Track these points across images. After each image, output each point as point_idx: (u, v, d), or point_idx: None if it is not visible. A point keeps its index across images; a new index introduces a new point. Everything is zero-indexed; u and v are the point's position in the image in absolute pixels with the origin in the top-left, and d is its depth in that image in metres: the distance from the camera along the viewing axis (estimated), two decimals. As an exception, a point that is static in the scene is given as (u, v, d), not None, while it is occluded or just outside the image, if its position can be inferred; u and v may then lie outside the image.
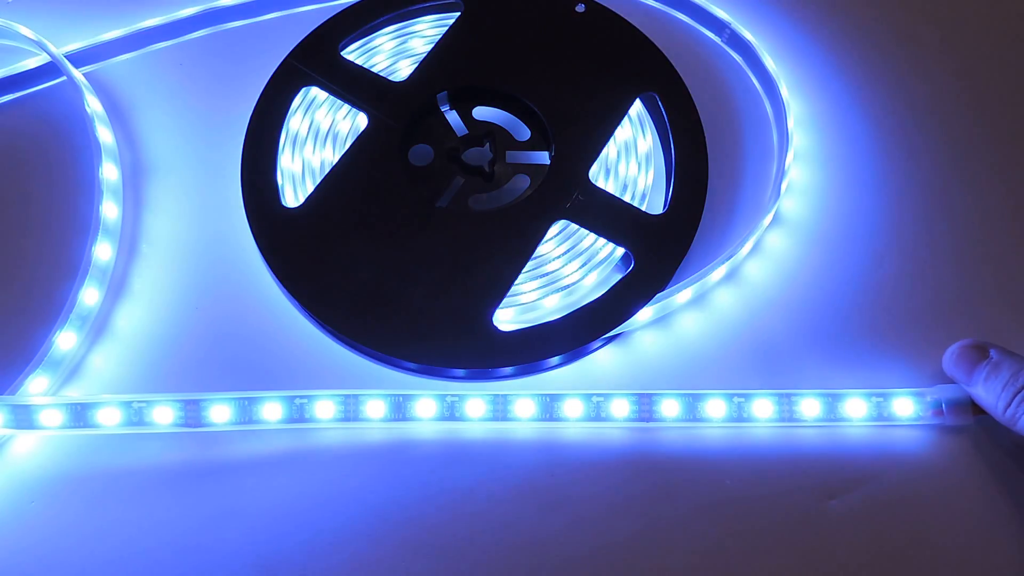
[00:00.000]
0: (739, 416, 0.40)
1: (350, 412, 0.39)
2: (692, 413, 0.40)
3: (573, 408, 0.40)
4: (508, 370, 0.41)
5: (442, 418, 0.40)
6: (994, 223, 0.45)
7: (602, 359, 0.42)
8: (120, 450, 0.40)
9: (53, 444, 0.40)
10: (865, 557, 0.38)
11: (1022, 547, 0.38)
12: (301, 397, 0.39)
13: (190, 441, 0.40)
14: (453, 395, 0.40)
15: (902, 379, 0.41)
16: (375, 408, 0.39)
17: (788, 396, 0.40)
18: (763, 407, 0.40)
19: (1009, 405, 0.37)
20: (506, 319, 0.42)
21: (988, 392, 0.38)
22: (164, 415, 0.39)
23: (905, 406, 0.40)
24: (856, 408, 0.40)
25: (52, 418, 0.39)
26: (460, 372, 0.41)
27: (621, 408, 0.40)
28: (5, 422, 0.39)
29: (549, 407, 0.40)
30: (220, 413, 0.39)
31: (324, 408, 0.39)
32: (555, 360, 0.41)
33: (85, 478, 0.39)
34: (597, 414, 0.40)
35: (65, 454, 0.40)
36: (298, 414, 0.39)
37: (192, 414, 0.39)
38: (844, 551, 0.38)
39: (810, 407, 0.40)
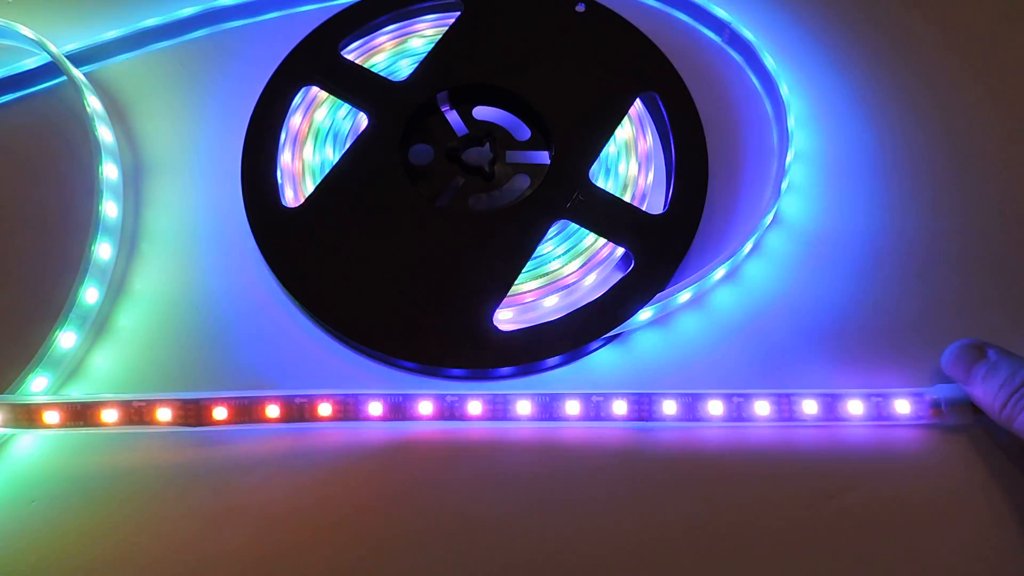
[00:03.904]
0: (738, 416, 0.40)
1: (350, 412, 0.39)
2: (691, 413, 0.40)
3: (572, 408, 0.40)
4: (508, 370, 0.41)
5: (442, 418, 0.40)
6: (994, 223, 0.45)
7: (602, 359, 0.42)
8: (120, 450, 0.40)
9: (53, 444, 0.40)
10: (864, 557, 0.38)
11: (1021, 546, 0.38)
12: (301, 397, 0.39)
13: (190, 441, 0.40)
14: (453, 395, 0.40)
15: (901, 378, 0.41)
16: (375, 408, 0.39)
17: (787, 396, 0.40)
18: (762, 407, 0.40)
19: (1005, 405, 0.37)
20: (506, 319, 0.42)
21: (985, 392, 0.38)
22: (165, 414, 0.39)
23: (904, 406, 0.40)
24: (855, 408, 0.40)
25: (53, 417, 0.39)
26: (460, 372, 0.41)
27: (620, 408, 0.40)
28: (6, 421, 0.39)
29: (549, 407, 0.40)
30: (220, 413, 0.39)
31: (324, 408, 0.39)
32: (555, 360, 0.41)
33: (85, 478, 0.39)
34: (597, 414, 0.40)
35: (65, 454, 0.40)
36: (298, 414, 0.39)
37: (192, 413, 0.39)
38: (843, 550, 0.38)
39: (809, 407, 0.40)
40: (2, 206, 0.46)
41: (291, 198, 0.45)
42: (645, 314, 0.42)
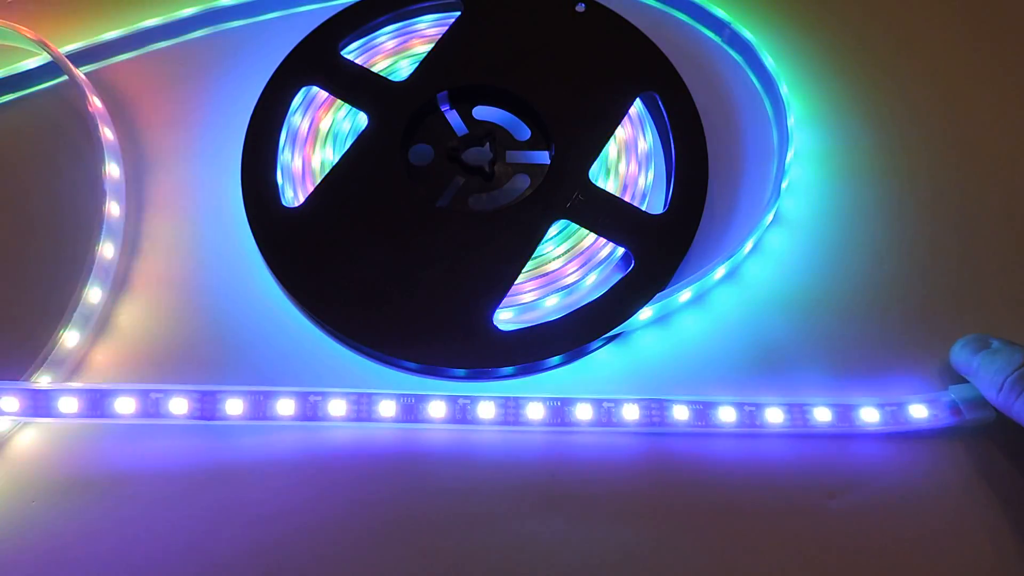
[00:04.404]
0: (750, 423, 0.39)
1: (362, 411, 0.39)
2: (701, 419, 0.39)
3: (583, 413, 0.39)
4: (509, 370, 0.41)
5: (453, 420, 0.39)
6: (994, 220, 0.45)
7: (602, 359, 0.42)
8: (122, 447, 0.40)
9: (53, 443, 0.40)
10: (880, 560, 0.38)
11: None
12: (315, 394, 0.39)
13: (197, 438, 0.40)
14: (464, 398, 0.40)
15: (902, 376, 0.41)
16: (387, 408, 0.39)
17: (800, 405, 0.40)
18: (774, 414, 0.39)
19: (1001, 388, 0.37)
20: (506, 319, 0.42)
21: (983, 379, 0.38)
22: (178, 406, 0.39)
23: (922, 411, 0.40)
24: (871, 416, 0.39)
25: (69, 405, 0.39)
26: (461, 372, 0.41)
27: (631, 413, 0.39)
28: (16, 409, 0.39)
29: (559, 412, 0.39)
30: (234, 407, 0.39)
31: (336, 406, 0.39)
32: (555, 360, 0.41)
33: (86, 477, 0.39)
34: (608, 419, 0.39)
35: (65, 452, 0.40)
36: (311, 412, 0.39)
37: (207, 406, 0.39)
38: (854, 553, 0.38)
39: (822, 414, 0.40)
40: (5, 205, 0.46)
41: (291, 198, 0.45)
42: (645, 314, 0.42)
